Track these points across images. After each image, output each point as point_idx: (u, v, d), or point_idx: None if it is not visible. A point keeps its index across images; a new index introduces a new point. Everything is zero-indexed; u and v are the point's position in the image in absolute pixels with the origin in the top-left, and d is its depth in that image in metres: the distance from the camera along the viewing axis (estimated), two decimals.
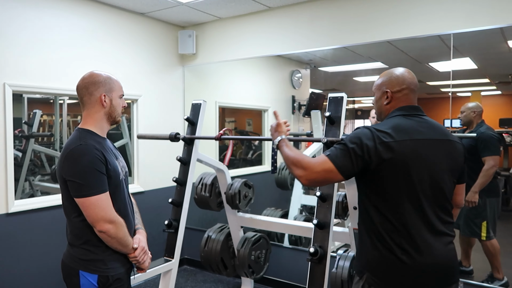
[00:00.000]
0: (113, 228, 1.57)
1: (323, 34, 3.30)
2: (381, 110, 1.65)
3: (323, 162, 1.45)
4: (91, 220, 1.56)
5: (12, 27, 2.84)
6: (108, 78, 1.70)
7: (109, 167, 1.61)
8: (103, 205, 1.55)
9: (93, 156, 1.56)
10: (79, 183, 1.54)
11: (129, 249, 1.67)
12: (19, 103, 3.90)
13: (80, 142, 1.59)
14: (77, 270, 1.61)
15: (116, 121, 1.74)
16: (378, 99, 1.65)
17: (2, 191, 2.81)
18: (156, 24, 3.90)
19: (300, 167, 1.49)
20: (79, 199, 1.56)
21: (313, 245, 2.13)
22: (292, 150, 1.60)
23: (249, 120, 5.64)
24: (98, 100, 1.67)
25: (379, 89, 1.64)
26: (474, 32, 2.75)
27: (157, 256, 2.81)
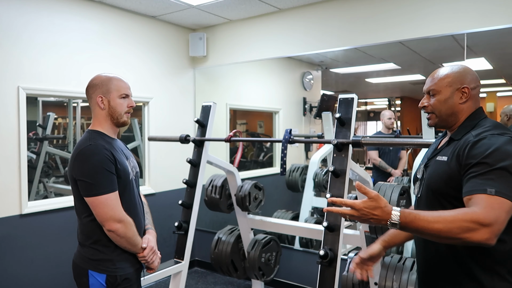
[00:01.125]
0: (122, 227, 1.58)
1: (334, 35, 3.27)
2: (453, 110, 1.40)
3: (502, 205, 1.12)
4: (100, 219, 1.58)
5: (27, 32, 2.89)
6: (107, 80, 1.70)
7: (118, 167, 1.62)
8: (112, 204, 1.57)
9: (102, 156, 1.58)
10: (89, 183, 1.56)
11: (138, 249, 1.68)
12: (34, 106, 3.97)
13: (90, 142, 1.61)
14: (87, 269, 1.62)
15: (120, 121, 1.73)
16: (448, 97, 1.39)
17: (16, 192, 2.85)
18: (167, 27, 3.93)
19: (479, 227, 1.09)
20: (88, 198, 1.58)
21: (323, 247, 2.10)
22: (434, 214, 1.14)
23: (260, 122, 5.64)
24: (96, 102, 1.70)
25: (450, 86, 1.39)
26: (489, 32, 2.69)
27: (168, 257, 2.82)
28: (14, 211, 2.85)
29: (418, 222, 1.13)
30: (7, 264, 2.81)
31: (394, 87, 5.05)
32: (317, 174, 3.97)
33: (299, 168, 4.17)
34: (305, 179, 4.06)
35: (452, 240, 1.12)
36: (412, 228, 1.14)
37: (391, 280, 2.38)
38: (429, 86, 1.43)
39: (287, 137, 2.32)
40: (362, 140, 2.11)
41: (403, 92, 5.03)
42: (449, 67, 1.43)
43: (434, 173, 1.38)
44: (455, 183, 1.25)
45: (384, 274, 2.42)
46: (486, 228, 1.09)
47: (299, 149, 4.96)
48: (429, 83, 1.44)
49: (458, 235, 1.10)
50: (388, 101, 5.09)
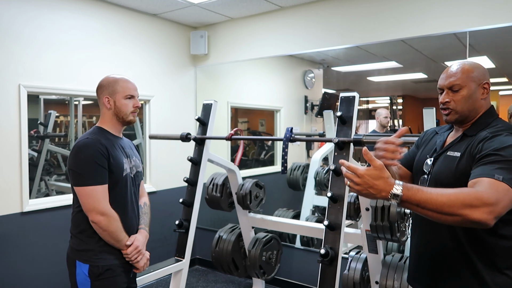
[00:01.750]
0: (104, 220, 1.63)
1: (335, 33, 3.26)
2: (475, 106, 1.38)
3: (507, 192, 1.13)
4: (85, 209, 1.65)
5: (28, 29, 2.89)
6: (113, 81, 1.80)
7: (111, 161, 1.69)
8: (97, 196, 1.63)
9: (95, 149, 1.66)
10: (78, 173, 1.65)
11: (121, 245, 1.71)
12: (36, 104, 3.98)
13: (88, 136, 1.71)
14: (75, 260, 1.70)
15: (126, 121, 1.82)
16: (472, 93, 1.37)
17: (17, 190, 2.86)
18: (168, 25, 3.92)
19: (481, 205, 1.08)
20: (76, 188, 1.66)
21: (324, 246, 2.10)
22: (438, 190, 1.14)
23: (262, 121, 5.63)
24: (103, 102, 1.80)
25: (473, 81, 1.37)
26: (492, 30, 2.68)
27: (169, 256, 2.82)
28: (15, 209, 2.85)
29: (421, 194, 1.11)
30: (8, 262, 2.81)
31: (396, 85, 5.04)
32: (318, 173, 3.96)
33: (300, 166, 4.17)
34: (306, 177, 4.06)
35: (451, 216, 1.09)
36: (414, 200, 1.11)
37: (392, 279, 2.37)
38: (452, 81, 1.38)
39: (288, 136, 2.31)
40: (363, 138, 2.10)
41: (404, 91, 5.02)
42: (467, 62, 1.41)
43: (445, 168, 1.38)
44: (467, 179, 1.23)
45: (385, 273, 2.42)
46: (488, 207, 1.08)
47: (300, 148, 4.96)
48: (451, 78, 1.39)
49: (459, 210, 1.08)
50: (390, 100, 5.07)
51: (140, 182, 1.96)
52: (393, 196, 1.11)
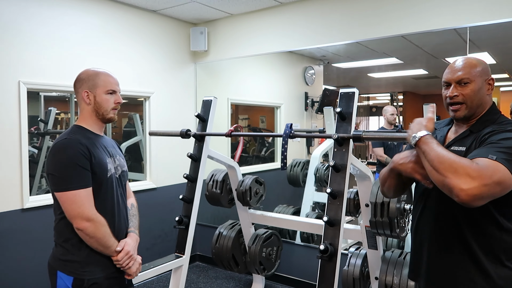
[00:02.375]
0: (91, 226, 1.51)
1: (335, 29, 3.25)
2: (482, 101, 1.38)
3: (496, 170, 1.12)
4: (68, 216, 1.52)
5: (28, 26, 2.88)
6: (94, 75, 1.67)
7: (93, 162, 1.56)
8: (80, 201, 1.50)
9: (75, 150, 1.52)
10: (58, 177, 1.52)
11: (110, 251, 1.59)
12: (36, 101, 3.97)
13: (66, 136, 1.58)
14: (56, 270, 1.57)
15: (107, 118, 1.68)
16: (479, 88, 1.37)
17: (17, 187, 2.86)
18: (168, 21, 3.92)
19: (463, 174, 1.09)
20: (57, 194, 1.53)
21: (323, 242, 2.10)
22: (440, 149, 1.20)
23: (262, 117, 5.63)
24: (82, 97, 1.66)
25: (480, 77, 1.37)
26: (492, 25, 2.67)
27: (169, 252, 2.82)
28: (15, 206, 2.86)
29: (430, 145, 1.22)
30: (9, 258, 2.82)
31: (396, 81, 5.03)
32: (319, 169, 3.96)
33: (301, 163, 4.17)
34: (306, 174, 4.06)
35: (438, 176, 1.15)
36: (422, 147, 1.24)
37: (392, 274, 2.38)
38: (460, 75, 1.37)
39: (287, 132, 2.31)
40: (363, 134, 2.10)
41: (405, 87, 5.00)
42: (472, 58, 1.41)
43: None
44: None
45: (385, 269, 2.42)
46: (470, 180, 1.09)
47: (300, 144, 4.96)
48: (459, 72, 1.38)
49: (445, 171, 1.13)
50: (391, 96, 5.06)
51: (126, 182, 1.83)
52: (413, 137, 1.28)
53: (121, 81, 3.53)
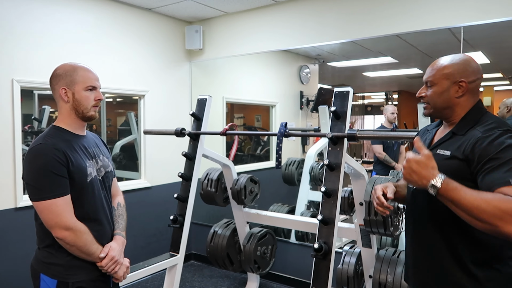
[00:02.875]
0: (70, 235, 1.45)
1: (331, 28, 3.26)
2: (449, 104, 1.37)
3: None
4: (46, 225, 1.46)
5: (21, 23, 2.86)
6: (71, 70, 1.56)
7: (71, 169, 1.48)
8: (58, 211, 1.44)
9: (50, 157, 1.44)
10: (33, 186, 1.45)
11: (94, 258, 1.54)
12: (30, 99, 3.95)
13: (41, 141, 1.48)
14: (39, 272, 1.53)
15: (87, 116, 1.58)
16: (444, 90, 1.36)
17: (11, 186, 2.85)
18: (163, 20, 3.90)
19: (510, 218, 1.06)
20: (34, 203, 1.47)
21: (318, 241, 2.11)
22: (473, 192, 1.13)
23: (257, 116, 5.63)
24: (59, 95, 1.56)
25: (447, 79, 1.36)
26: (486, 25, 2.68)
27: (164, 250, 2.82)
28: (9, 205, 2.84)
29: (458, 192, 1.13)
30: (3, 258, 2.81)
31: (391, 81, 5.05)
32: (313, 168, 3.97)
33: (296, 161, 4.17)
34: (301, 172, 4.06)
35: (485, 225, 1.10)
36: (449, 196, 1.14)
37: (385, 273, 2.39)
38: (427, 77, 1.40)
39: (282, 131, 2.31)
40: (357, 133, 2.11)
41: (400, 86, 5.02)
42: (450, 58, 1.40)
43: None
44: (458, 178, 1.20)
45: (379, 267, 2.43)
46: None
47: (295, 143, 4.96)
48: (428, 73, 1.41)
49: (492, 220, 1.08)
50: (386, 95, 5.08)
51: (113, 181, 1.76)
52: (431, 186, 1.16)
53: (116, 79, 3.52)
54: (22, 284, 2.89)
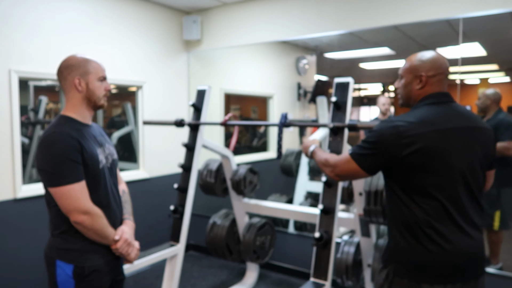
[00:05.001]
0: (88, 219, 1.51)
1: (329, 19, 3.25)
2: (411, 95, 1.55)
3: (347, 161, 1.52)
4: (64, 210, 1.51)
5: (17, 12, 2.82)
6: (84, 61, 1.61)
7: (85, 155, 1.54)
8: (76, 195, 1.49)
9: (66, 144, 1.49)
10: (50, 173, 1.49)
11: (109, 241, 1.60)
12: (25, 91, 3.91)
13: (55, 129, 1.53)
14: (54, 259, 1.56)
15: (98, 105, 1.65)
16: (408, 83, 1.54)
17: (10, 176, 2.83)
18: (161, 10, 3.87)
19: (328, 165, 1.62)
20: (51, 189, 1.51)
21: (318, 230, 2.13)
22: (323, 153, 1.74)
23: (254, 108, 5.62)
24: (73, 84, 1.60)
25: (410, 73, 1.53)
26: (484, 17, 2.70)
27: (163, 241, 2.84)
28: (8, 196, 2.83)
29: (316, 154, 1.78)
30: (2, 248, 2.81)
31: (389, 72, 5.06)
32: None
33: (294, 152, 4.19)
34: (299, 163, 4.08)
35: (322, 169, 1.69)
36: (314, 156, 1.79)
37: None
38: (399, 71, 1.60)
39: (282, 121, 2.32)
40: (358, 123, 2.12)
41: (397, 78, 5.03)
42: (419, 54, 1.55)
43: None
44: None
45: (378, 256, 2.46)
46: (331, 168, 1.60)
47: (293, 134, 4.98)
48: (400, 67, 1.61)
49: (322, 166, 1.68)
50: (382, 87, 5.10)
51: (117, 170, 1.83)
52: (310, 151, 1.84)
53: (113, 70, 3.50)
54: (22, 274, 2.90)
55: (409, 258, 1.45)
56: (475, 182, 1.46)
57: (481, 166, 1.48)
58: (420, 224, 1.42)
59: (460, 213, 1.42)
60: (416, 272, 1.44)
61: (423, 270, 1.43)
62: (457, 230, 1.41)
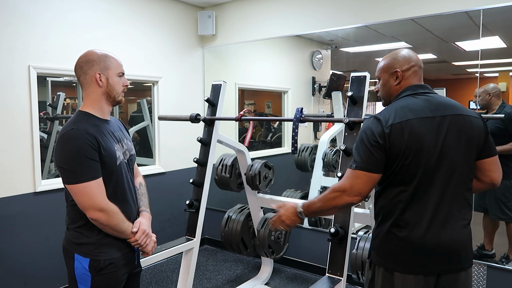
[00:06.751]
0: (103, 216, 1.52)
1: (345, 13, 3.22)
2: (390, 91, 1.60)
3: (356, 177, 1.43)
4: (81, 207, 1.53)
5: (34, 10, 2.87)
6: (104, 56, 1.62)
7: (102, 153, 1.54)
8: (92, 193, 1.50)
9: (82, 142, 1.49)
10: (67, 169, 1.51)
11: (126, 235, 1.62)
12: (43, 86, 3.98)
13: (72, 126, 1.53)
14: (73, 253, 1.58)
15: (117, 100, 1.66)
16: (385, 82, 1.61)
17: (30, 171, 2.90)
18: (176, 5, 3.88)
19: (340, 195, 1.46)
20: (68, 186, 1.53)
21: (334, 225, 2.12)
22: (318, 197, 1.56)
23: (268, 103, 5.61)
24: (93, 79, 1.60)
25: (386, 71, 1.60)
26: (505, 8, 2.63)
27: (178, 235, 2.86)
28: (28, 189, 2.90)
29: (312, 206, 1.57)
30: (23, 240, 2.88)
31: None
32: (326, 154, 3.97)
33: (309, 148, 4.18)
34: (314, 158, 4.06)
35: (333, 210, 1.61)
36: (311, 211, 1.59)
37: None
38: (375, 75, 1.67)
39: (298, 116, 2.31)
40: None
41: None
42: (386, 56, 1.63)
43: None
44: None
45: None
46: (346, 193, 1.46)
47: (308, 129, 4.95)
48: (376, 72, 1.67)
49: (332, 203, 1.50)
50: None
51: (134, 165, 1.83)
52: (299, 213, 1.59)
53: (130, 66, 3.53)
54: (41, 266, 2.97)
55: (383, 245, 1.49)
56: (457, 171, 1.44)
57: (465, 155, 1.46)
58: (393, 212, 1.46)
59: (436, 203, 1.42)
60: (389, 260, 1.48)
61: (394, 258, 1.46)
62: (429, 220, 1.42)
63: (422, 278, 1.42)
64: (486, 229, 3.25)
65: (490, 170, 1.53)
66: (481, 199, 3.19)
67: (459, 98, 3.51)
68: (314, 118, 4.27)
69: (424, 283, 1.43)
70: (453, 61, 4.06)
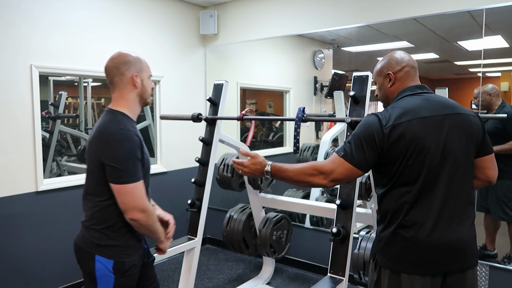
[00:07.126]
0: (144, 216, 1.53)
1: (346, 12, 3.21)
2: (387, 94, 1.62)
3: (339, 164, 1.45)
4: (124, 207, 1.52)
5: (37, 9, 2.87)
6: (138, 58, 1.66)
7: (143, 156, 1.59)
8: (138, 193, 1.52)
9: (134, 143, 1.53)
10: (119, 169, 1.50)
11: (157, 234, 1.66)
12: (45, 86, 3.99)
13: (120, 126, 1.54)
14: (93, 254, 1.57)
15: (147, 102, 1.70)
16: (381, 85, 1.63)
17: (32, 170, 2.90)
18: (178, 4, 3.88)
19: (318, 174, 1.47)
20: (115, 185, 1.51)
21: (336, 225, 2.12)
22: (293, 165, 1.55)
23: (270, 102, 5.60)
24: (130, 81, 1.62)
25: (379, 75, 1.63)
26: (507, 8, 2.62)
27: (180, 235, 2.86)
28: (30, 188, 2.90)
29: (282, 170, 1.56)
30: (25, 239, 2.88)
31: None
32: (328, 154, 3.96)
33: (310, 147, 4.17)
34: (316, 158, 4.06)
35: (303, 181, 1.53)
36: (279, 175, 1.57)
37: None
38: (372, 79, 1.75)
39: (300, 116, 2.30)
40: None
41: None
42: (380, 61, 1.65)
43: None
44: None
45: None
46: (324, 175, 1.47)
47: (309, 129, 4.94)
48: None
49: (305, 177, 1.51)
50: None
51: None
52: (266, 172, 1.59)
53: None
54: (43, 266, 2.98)
55: (389, 247, 1.48)
56: (460, 169, 1.44)
57: (465, 153, 1.47)
58: (398, 213, 1.45)
59: (441, 202, 1.41)
60: (396, 261, 1.46)
61: (401, 259, 1.44)
62: (435, 220, 1.41)
63: (429, 279, 1.42)
64: (488, 229, 3.25)
65: (487, 167, 1.55)
66: (482, 199, 3.18)
67: (462, 98, 3.50)
68: (316, 118, 4.27)
69: (431, 284, 1.42)
70: (456, 60, 4.05)
